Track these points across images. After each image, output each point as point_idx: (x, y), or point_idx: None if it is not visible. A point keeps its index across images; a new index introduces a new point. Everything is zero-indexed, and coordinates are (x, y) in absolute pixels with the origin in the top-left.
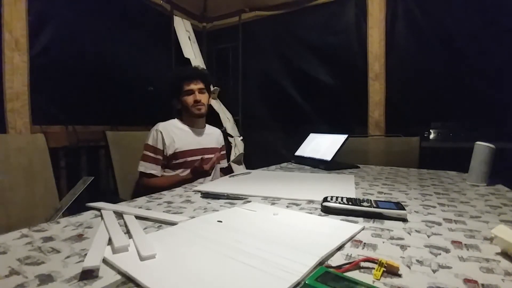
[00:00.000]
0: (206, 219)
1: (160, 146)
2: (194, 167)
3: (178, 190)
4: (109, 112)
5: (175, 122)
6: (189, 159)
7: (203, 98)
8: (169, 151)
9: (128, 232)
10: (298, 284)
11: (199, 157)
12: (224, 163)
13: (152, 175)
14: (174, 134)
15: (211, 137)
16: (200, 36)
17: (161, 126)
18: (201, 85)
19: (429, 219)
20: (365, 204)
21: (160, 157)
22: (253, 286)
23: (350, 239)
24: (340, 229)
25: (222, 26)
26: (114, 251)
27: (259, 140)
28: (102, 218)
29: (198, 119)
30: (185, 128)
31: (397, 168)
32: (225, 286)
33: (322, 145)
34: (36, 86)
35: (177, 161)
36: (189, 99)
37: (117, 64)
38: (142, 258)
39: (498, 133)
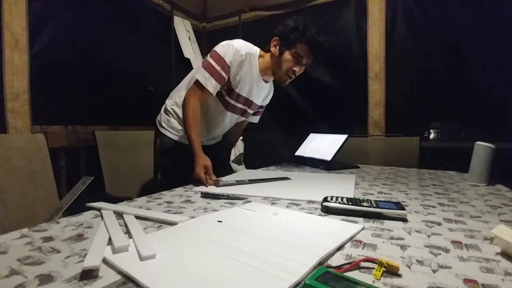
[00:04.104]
0: (206, 219)
1: (230, 65)
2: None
3: (178, 190)
4: (109, 112)
5: (255, 57)
6: (238, 104)
7: (301, 72)
8: (231, 79)
9: (128, 232)
10: (298, 284)
11: (242, 107)
12: (256, 119)
13: (206, 91)
14: (247, 70)
15: (264, 92)
16: (200, 36)
17: (246, 51)
18: (310, 62)
19: (429, 219)
20: (365, 204)
21: (226, 77)
22: (253, 286)
23: (350, 239)
24: (340, 229)
25: (222, 26)
26: (114, 251)
27: (259, 140)
28: (102, 218)
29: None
30: (257, 70)
31: (397, 168)
32: (225, 286)
33: (322, 145)
34: (36, 86)
35: (228, 98)
36: (290, 64)
37: (117, 64)
38: (142, 258)
39: (498, 133)
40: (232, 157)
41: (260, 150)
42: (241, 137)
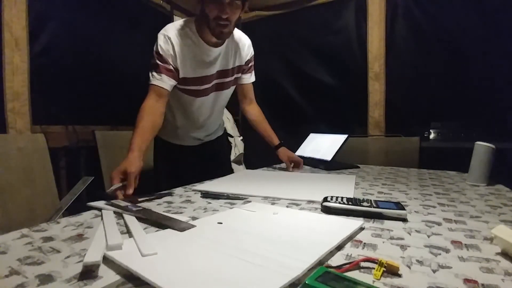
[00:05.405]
0: (206, 220)
1: (168, 58)
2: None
3: (178, 190)
4: (109, 112)
5: (190, 31)
6: (201, 87)
7: (233, 14)
8: (179, 70)
9: (128, 232)
10: (298, 280)
11: (210, 85)
12: (250, 78)
13: (158, 88)
14: (185, 52)
15: (233, 52)
16: None
17: (173, 33)
18: None
19: (429, 219)
20: (365, 204)
21: (171, 67)
22: (253, 281)
23: (350, 236)
24: (339, 227)
25: None
26: (108, 248)
27: (259, 140)
28: (102, 218)
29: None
30: (199, 42)
31: (397, 168)
32: (226, 281)
33: (322, 145)
34: (36, 86)
35: (183, 87)
36: (211, 11)
37: (117, 64)
38: (143, 256)
39: (498, 133)
40: (232, 157)
41: (260, 150)
42: (241, 137)
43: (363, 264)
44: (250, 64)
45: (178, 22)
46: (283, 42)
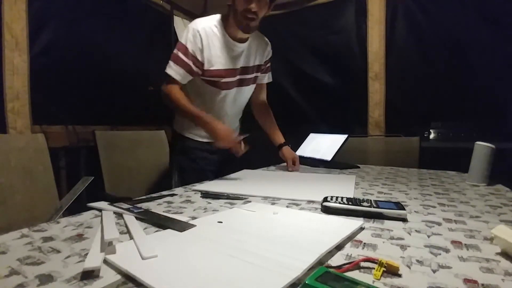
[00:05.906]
0: (206, 220)
1: (196, 51)
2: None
3: (178, 190)
4: (109, 112)
5: (217, 25)
6: (223, 80)
7: (260, 9)
8: (205, 63)
9: (128, 232)
10: (298, 280)
11: (234, 79)
12: (267, 78)
13: (172, 78)
14: (212, 44)
15: (254, 51)
16: None
17: (202, 26)
18: None
19: (429, 219)
20: (365, 204)
21: (191, 63)
22: (254, 282)
23: (350, 236)
24: (339, 226)
25: None
26: (103, 245)
27: (259, 140)
28: (102, 219)
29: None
30: (225, 36)
31: (397, 168)
32: (226, 281)
33: (322, 145)
34: (36, 86)
35: (208, 78)
36: (242, 4)
37: (117, 64)
38: (143, 259)
39: (498, 133)
40: None
41: (260, 150)
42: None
43: (363, 264)
44: (268, 65)
45: (205, 17)
46: (283, 42)
